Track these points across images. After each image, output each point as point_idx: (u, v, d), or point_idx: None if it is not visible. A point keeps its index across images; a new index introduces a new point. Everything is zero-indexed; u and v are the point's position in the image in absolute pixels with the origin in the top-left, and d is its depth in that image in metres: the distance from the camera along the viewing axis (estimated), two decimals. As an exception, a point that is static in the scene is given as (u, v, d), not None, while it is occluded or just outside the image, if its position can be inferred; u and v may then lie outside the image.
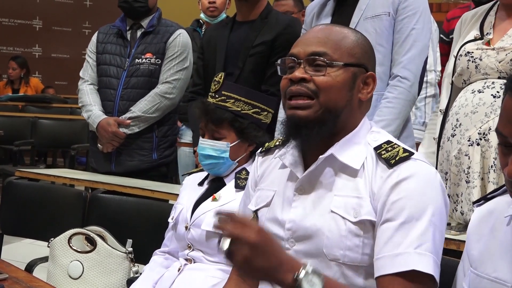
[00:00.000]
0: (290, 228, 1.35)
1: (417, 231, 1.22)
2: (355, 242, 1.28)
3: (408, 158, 1.29)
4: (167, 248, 2.07)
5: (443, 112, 2.15)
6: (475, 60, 2.04)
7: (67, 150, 5.80)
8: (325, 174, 1.34)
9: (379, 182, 1.28)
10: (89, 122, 3.09)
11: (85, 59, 3.26)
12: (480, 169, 1.95)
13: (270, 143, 1.52)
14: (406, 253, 1.21)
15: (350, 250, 1.28)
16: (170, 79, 3.07)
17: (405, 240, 1.22)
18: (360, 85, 1.37)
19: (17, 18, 9.36)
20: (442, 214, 1.26)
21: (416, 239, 1.21)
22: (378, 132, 1.39)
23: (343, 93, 1.34)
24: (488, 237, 1.19)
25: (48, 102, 7.25)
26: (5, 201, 2.86)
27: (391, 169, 1.28)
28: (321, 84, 1.32)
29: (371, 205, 1.28)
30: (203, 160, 1.98)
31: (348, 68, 1.34)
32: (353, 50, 1.36)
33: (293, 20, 2.90)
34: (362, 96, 1.37)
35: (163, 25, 3.16)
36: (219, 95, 1.98)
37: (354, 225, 1.28)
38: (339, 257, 1.28)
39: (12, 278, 1.60)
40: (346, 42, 1.37)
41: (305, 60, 1.34)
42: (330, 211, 1.31)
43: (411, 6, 2.36)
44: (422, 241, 1.21)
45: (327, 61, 1.33)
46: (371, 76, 1.39)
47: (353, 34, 1.40)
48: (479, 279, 1.17)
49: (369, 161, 1.32)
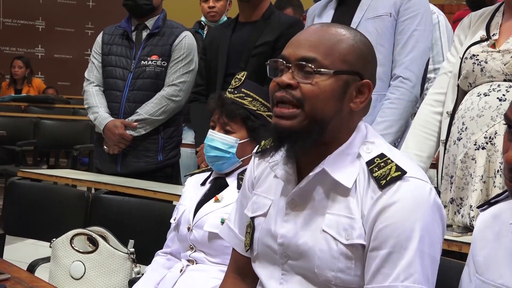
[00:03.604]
0: (282, 243, 1.32)
1: (404, 262, 1.19)
2: (347, 264, 1.25)
3: (400, 178, 1.22)
4: (169, 249, 2.06)
5: (449, 114, 2.13)
6: (480, 63, 2.03)
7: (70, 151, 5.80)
8: (317, 190, 1.30)
9: (369, 203, 1.24)
10: (96, 124, 3.10)
11: (90, 60, 3.26)
12: (484, 173, 1.94)
13: (266, 143, 1.45)
14: (393, 286, 1.19)
15: (341, 272, 1.25)
16: (176, 82, 3.07)
17: (393, 272, 1.20)
18: (353, 93, 1.28)
19: (20, 19, 9.37)
20: (433, 237, 1.22)
21: (403, 271, 1.19)
22: (373, 142, 1.31)
23: (331, 103, 1.25)
24: (493, 243, 1.19)
25: (51, 103, 7.25)
26: (8, 201, 2.87)
27: (381, 191, 1.23)
28: (307, 93, 1.24)
29: (363, 227, 1.24)
30: (209, 151, 1.97)
31: (339, 76, 1.25)
32: (347, 56, 1.27)
33: (295, 20, 2.90)
34: (354, 105, 1.28)
35: (169, 26, 3.16)
36: (238, 92, 1.98)
37: (345, 247, 1.25)
38: (330, 279, 1.26)
39: (14, 278, 1.60)
40: (340, 46, 1.27)
41: (294, 64, 1.26)
42: (322, 231, 1.27)
43: (413, 8, 2.36)
44: (409, 273, 1.19)
45: (316, 69, 1.24)
46: (367, 84, 1.29)
47: (350, 37, 1.29)
48: (484, 285, 1.17)
49: (361, 178, 1.27)
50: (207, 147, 1.98)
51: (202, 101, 2.88)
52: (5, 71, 7.92)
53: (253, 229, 1.41)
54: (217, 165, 1.99)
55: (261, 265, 1.40)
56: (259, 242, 1.39)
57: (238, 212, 1.52)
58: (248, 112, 1.95)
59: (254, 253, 1.41)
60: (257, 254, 1.40)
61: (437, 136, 2.21)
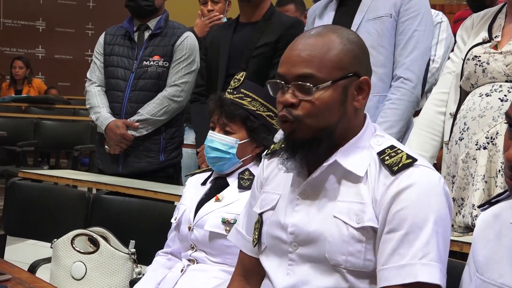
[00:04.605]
0: (293, 232, 1.35)
1: (421, 241, 1.22)
2: (357, 248, 1.28)
3: (411, 164, 1.28)
4: (170, 249, 2.07)
5: (452, 115, 2.14)
6: (482, 64, 2.03)
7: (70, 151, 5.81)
8: (329, 180, 1.34)
9: (382, 189, 1.28)
10: (97, 124, 3.10)
11: (92, 60, 3.26)
12: (485, 173, 1.94)
13: (276, 145, 1.51)
14: (411, 264, 1.22)
15: (352, 255, 1.28)
16: (178, 82, 3.07)
17: (410, 251, 1.23)
18: (354, 93, 1.33)
19: (20, 19, 9.38)
20: (445, 221, 1.27)
21: (421, 249, 1.22)
22: (382, 136, 1.37)
23: (334, 111, 1.31)
24: (494, 242, 1.19)
25: (51, 103, 7.26)
26: (8, 202, 2.87)
27: (394, 176, 1.27)
28: (310, 110, 1.29)
29: (374, 211, 1.28)
30: (209, 153, 1.97)
31: (337, 83, 1.30)
32: (341, 61, 1.30)
33: (296, 21, 2.91)
34: (357, 104, 1.34)
35: (170, 27, 3.16)
36: (237, 92, 1.98)
37: (356, 231, 1.28)
38: (341, 263, 1.29)
39: (15, 279, 1.60)
40: (332, 55, 1.30)
41: (292, 84, 1.30)
42: (333, 217, 1.31)
43: (413, 8, 2.36)
44: (426, 251, 1.22)
45: (314, 85, 1.28)
46: (365, 81, 1.34)
47: (338, 41, 1.32)
48: (485, 284, 1.17)
49: (372, 167, 1.31)
50: (207, 148, 1.98)
51: (203, 102, 2.88)
52: (5, 72, 7.93)
53: (261, 224, 1.44)
54: (217, 166, 1.99)
55: (268, 258, 1.42)
56: (267, 235, 1.42)
57: (246, 215, 1.56)
58: (247, 113, 1.95)
59: (262, 247, 1.44)
60: (265, 247, 1.43)
61: (440, 136, 2.21)
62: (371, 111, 2.36)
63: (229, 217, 1.86)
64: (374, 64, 2.35)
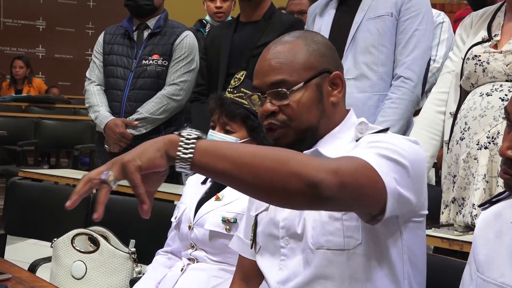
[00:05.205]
0: (284, 226, 1.37)
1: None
2: (336, 226, 1.29)
3: (385, 130, 1.32)
4: (170, 248, 2.06)
5: (452, 114, 2.13)
6: (482, 64, 2.02)
7: (70, 151, 5.80)
8: None
9: (354, 144, 1.31)
10: (97, 123, 3.10)
11: (92, 59, 3.27)
12: (486, 172, 1.94)
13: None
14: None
15: (332, 234, 1.29)
16: (177, 81, 3.08)
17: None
18: (328, 89, 1.38)
19: (20, 19, 9.38)
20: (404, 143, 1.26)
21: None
22: (366, 124, 1.37)
23: (313, 110, 1.35)
24: (494, 241, 1.19)
25: (52, 103, 7.26)
26: (9, 201, 2.87)
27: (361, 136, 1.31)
28: (290, 114, 1.34)
29: None
30: None
31: (310, 83, 1.35)
32: (308, 62, 1.35)
33: (296, 20, 2.91)
34: (334, 98, 1.38)
35: (170, 26, 3.17)
36: (237, 91, 1.98)
37: None
38: (323, 244, 1.30)
39: (16, 278, 1.60)
40: (299, 57, 1.35)
41: (268, 93, 1.35)
42: None
43: (414, 7, 2.36)
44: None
45: (288, 89, 1.33)
46: (337, 76, 1.38)
47: (303, 43, 1.37)
48: (485, 284, 1.17)
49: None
50: None
51: (203, 101, 2.88)
52: (5, 71, 7.93)
53: (256, 225, 1.46)
54: None
55: (263, 257, 1.44)
56: (262, 234, 1.44)
57: (245, 221, 1.57)
58: (248, 112, 1.95)
59: (257, 247, 1.46)
60: (260, 247, 1.45)
61: (440, 135, 2.20)
62: (371, 110, 2.36)
63: (229, 216, 1.86)
64: (374, 63, 2.37)
